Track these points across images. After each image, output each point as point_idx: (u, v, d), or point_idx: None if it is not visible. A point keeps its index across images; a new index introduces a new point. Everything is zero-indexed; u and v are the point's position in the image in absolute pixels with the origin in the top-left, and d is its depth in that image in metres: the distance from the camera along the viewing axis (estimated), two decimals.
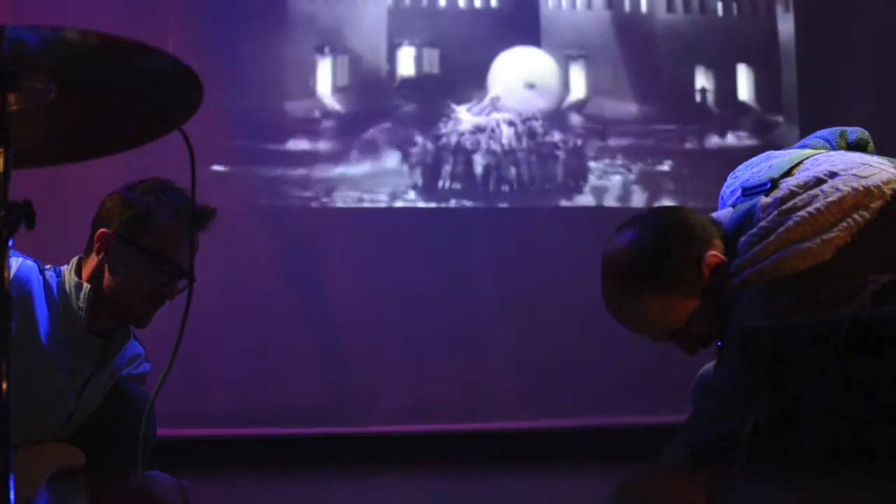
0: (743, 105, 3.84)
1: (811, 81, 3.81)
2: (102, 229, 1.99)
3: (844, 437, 1.28)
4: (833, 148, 1.96)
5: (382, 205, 3.64)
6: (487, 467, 3.13)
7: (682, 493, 1.53)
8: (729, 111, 3.82)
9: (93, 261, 2.00)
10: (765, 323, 1.54)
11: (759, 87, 3.84)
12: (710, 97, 3.82)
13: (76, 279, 1.98)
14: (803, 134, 2.14)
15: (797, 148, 1.98)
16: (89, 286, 1.97)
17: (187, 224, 1.96)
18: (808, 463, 1.32)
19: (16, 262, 1.94)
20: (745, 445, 1.49)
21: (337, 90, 3.68)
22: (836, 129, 2.02)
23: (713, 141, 3.80)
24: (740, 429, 1.51)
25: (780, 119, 3.83)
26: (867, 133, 2.01)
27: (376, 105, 3.69)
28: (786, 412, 1.33)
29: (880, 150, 1.90)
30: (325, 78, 3.67)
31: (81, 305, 1.96)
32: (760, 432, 1.41)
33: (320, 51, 3.68)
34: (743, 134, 3.81)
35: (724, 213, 1.83)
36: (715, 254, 1.74)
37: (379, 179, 3.65)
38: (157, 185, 2.04)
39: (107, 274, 1.98)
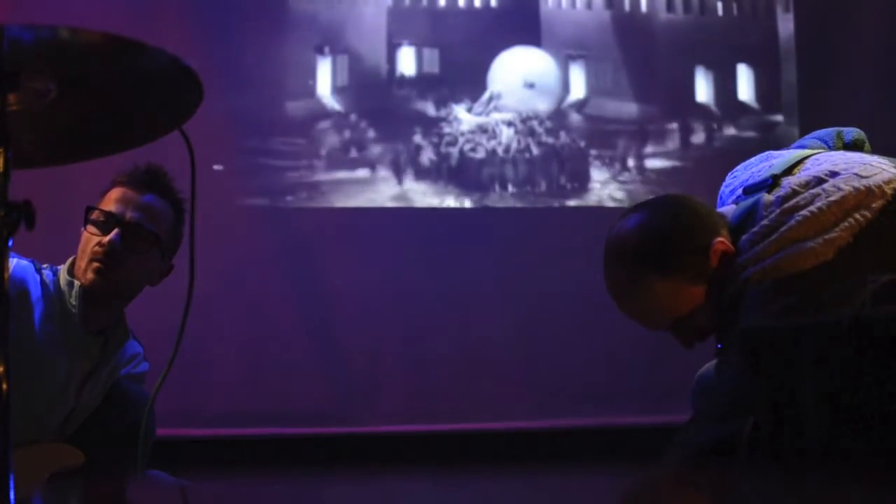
0: (743, 105, 3.84)
1: (811, 81, 3.81)
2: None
3: (845, 438, 1.28)
4: (830, 148, 1.97)
5: (382, 205, 3.64)
6: (487, 467, 3.13)
7: (688, 497, 1.53)
8: (729, 111, 3.82)
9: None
10: (766, 323, 1.54)
11: (759, 87, 3.84)
12: (710, 97, 3.82)
13: (68, 278, 1.98)
14: (803, 134, 2.14)
15: (795, 148, 1.98)
16: (80, 283, 1.97)
17: (122, 181, 2.00)
18: (808, 463, 1.32)
19: (10, 262, 1.93)
20: (745, 446, 1.49)
21: (337, 90, 3.67)
22: (833, 130, 2.02)
23: (713, 141, 3.79)
24: (741, 429, 1.51)
25: (780, 119, 3.83)
26: (863, 133, 2.01)
27: (376, 105, 3.69)
28: (786, 412, 1.33)
29: (880, 151, 1.90)
30: (325, 78, 3.67)
31: (74, 303, 1.96)
32: (761, 432, 1.41)
33: (320, 51, 3.68)
34: (743, 134, 3.81)
35: (727, 210, 1.83)
36: (722, 241, 1.73)
37: (379, 179, 3.64)
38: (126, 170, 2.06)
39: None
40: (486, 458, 3.44)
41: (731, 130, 3.81)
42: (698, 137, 3.79)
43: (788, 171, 1.76)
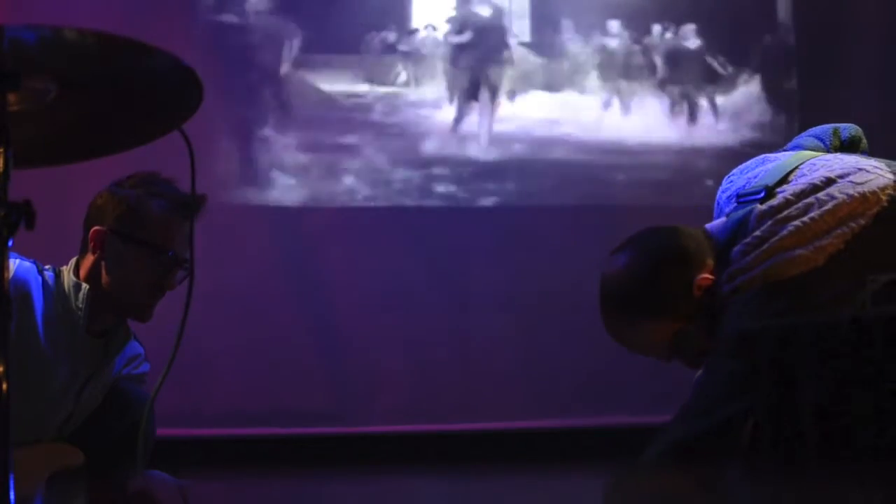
0: (742, 104, 3.83)
1: (811, 81, 3.81)
2: (95, 227, 1.99)
3: (843, 437, 1.28)
4: (826, 146, 1.96)
5: (382, 204, 3.64)
6: (487, 467, 3.13)
7: (667, 492, 1.54)
8: (729, 111, 3.82)
9: (88, 260, 2.00)
10: (765, 323, 1.54)
11: (760, 86, 3.84)
12: (710, 97, 3.82)
13: (74, 279, 1.98)
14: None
15: (791, 148, 1.97)
16: (88, 286, 1.97)
17: (179, 213, 1.98)
18: (806, 463, 1.32)
19: (13, 264, 1.94)
20: (745, 445, 1.50)
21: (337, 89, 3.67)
22: (829, 127, 2.01)
23: (713, 141, 3.79)
24: (722, 427, 1.54)
25: (780, 119, 3.82)
26: (860, 130, 2.01)
27: (377, 104, 3.69)
28: (784, 412, 1.34)
29: (880, 151, 1.90)
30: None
31: (80, 306, 1.96)
32: (760, 432, 1.41)
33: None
34: (743, 133, 3.80)
35: (718, 223, 1.82)
36: (706, 276, 1.74)
37: (379, 179, 3.64)
38: (144, 178, 2.04)
39: (104, 272, 1.98)
40: (486, 458, 3.44)
41: (730, 130, 3.80)
42: (698, 137, 3.79)
43: (783, 178, 1.75)
